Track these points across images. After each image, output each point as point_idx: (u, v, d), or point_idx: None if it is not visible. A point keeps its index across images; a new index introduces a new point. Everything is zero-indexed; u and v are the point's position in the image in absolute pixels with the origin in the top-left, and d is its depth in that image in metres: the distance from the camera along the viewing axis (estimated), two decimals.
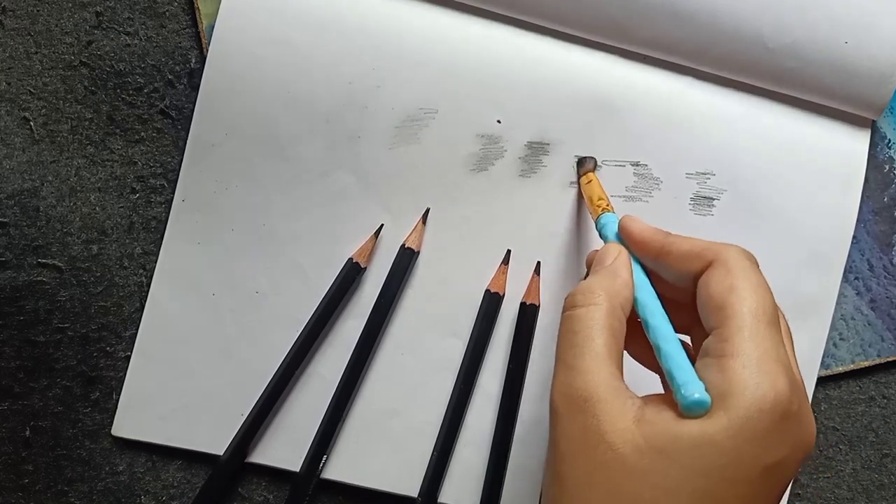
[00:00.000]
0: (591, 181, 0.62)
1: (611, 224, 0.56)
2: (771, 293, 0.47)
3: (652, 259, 0.52)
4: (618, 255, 0.52)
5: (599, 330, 0.47)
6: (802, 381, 0.47)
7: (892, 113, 0.66)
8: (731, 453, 0.42)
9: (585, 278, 0.52)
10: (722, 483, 0.42)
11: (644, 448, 0.43)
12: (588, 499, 0.44)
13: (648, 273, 0.52)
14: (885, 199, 0.66)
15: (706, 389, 0.43)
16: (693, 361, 0.46)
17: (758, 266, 0.49)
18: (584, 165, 0.63)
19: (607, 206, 0.58)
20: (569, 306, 0.49)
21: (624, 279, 0.51)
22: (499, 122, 0.63)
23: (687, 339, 0.53)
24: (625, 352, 0.51)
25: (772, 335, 0.45)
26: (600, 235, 0.57)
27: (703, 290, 0.48)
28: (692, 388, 0.43)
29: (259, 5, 0.62)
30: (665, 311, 0.50)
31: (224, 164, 0.62)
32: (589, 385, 0.45)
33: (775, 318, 0.46)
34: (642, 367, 0.54)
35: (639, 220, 0.53)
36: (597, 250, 0.54)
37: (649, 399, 0.46)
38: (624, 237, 0.54)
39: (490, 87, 0.63)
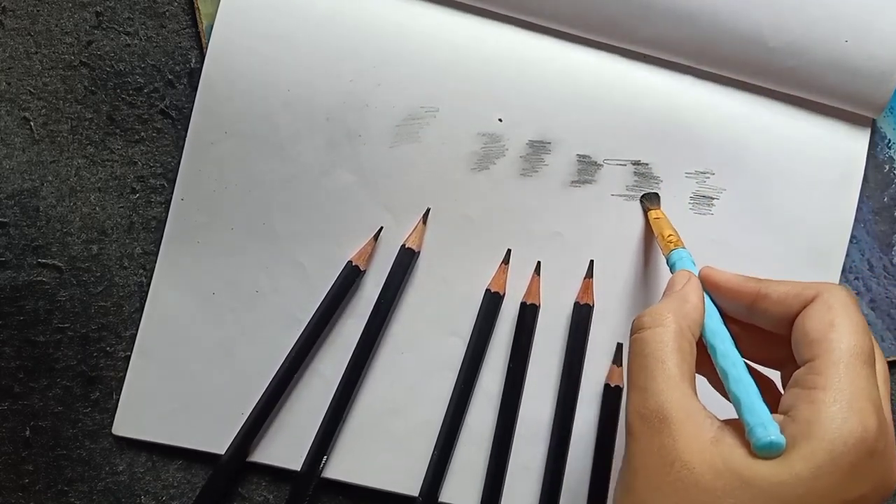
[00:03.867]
0: (659, 217, 0.62)
1: (683, 261, 0.57)
2: (871, 335, 0.47)
3: (747, 306, 0.52)
4: (688, 281, 0.53)
5: (669, 351, 0.47)
6: (893, 424, 0.46)
7: (892, 113, 0.66)
8: (811, 484, 0.42)
9: None
10: None
11: (721, 470, 0.43)
12: None
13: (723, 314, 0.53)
14: (885, 199, 0.66)
15: (782, 430, 0.43)
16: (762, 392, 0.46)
17: (858, 306, 0.48)
18: (651, 201, 0.64)
19: (678, 241, 0.59)
20: (636, 329, 0.50)
21: (693, 303, 0.51)
22: (500, 120, 0.63)
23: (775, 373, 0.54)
24: (704, 378, 0.52)
25: (867, 374, 0.45)
26: (672, 272, 0.57)
27: (801, 326, 0.48)
28: (767, 429, 0.43)
29: (259, 3, 0.62)
30: (736, 343, 0.50)
31: (223, 162, 0.62)
32: (663, 405, 0.45)
33: (872, 360, 0.46)
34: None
35: (720, 269, 0.53)
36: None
37: (729, 422, 0.46)
38: (710, 289, 0.53)
39: (491, 86, 0.63)
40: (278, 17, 0.62)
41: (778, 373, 0.54)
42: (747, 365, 0.50)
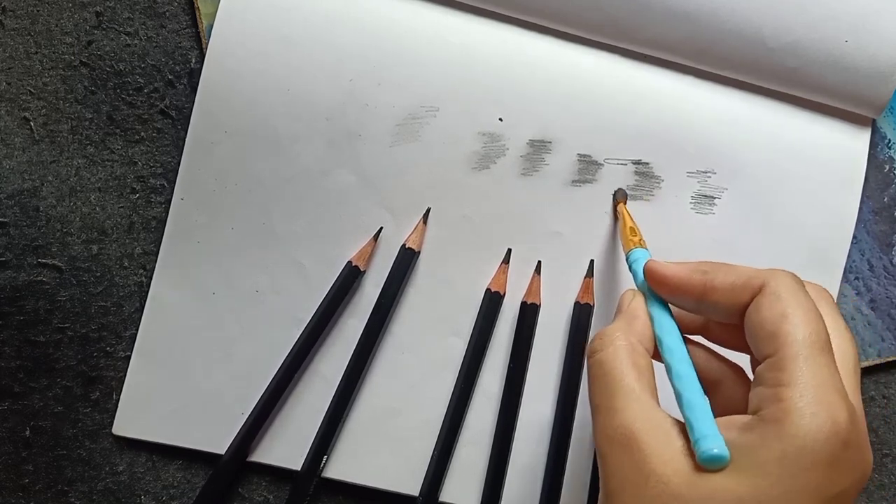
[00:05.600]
0: (623, 214, 0.62)
1: (641, 260, 0.56)
2: (822, 319, 0.46)
3: (694, 301, 0.51)
4: (633, 299, 0.53)
5: (625, 368, 0.47)
6: (862, 408, 0.46)
7: (892, 113, 0.66)
8: (788, 483, 0.41)
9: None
10: None
11: (696, 479, 0.43)
12: None
13: (672, 312, 0.52)
14: (885, 199, 0.66)
15: (727, 442, 0.43)
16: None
17: (806, 290, 0.48)
18: (617, 197, 0.64)
19: (640, 241, 0.58)
20: (590, 353, 0.50)
21: (643, 320, 0.51)
22: (500, 119, 0.63)
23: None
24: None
25: (827, 363, 0.44)
26: (629, 269, 0.57)
27: (753, 318, 0.47)
28: (711, 442, 0.43)
29: (259, 3, 0.62)
30: (688, 352, 0.49)
31: (223, 162, 0.62)
32: (627, 421, 0.45)
33: (828, 345, 0.45)
34: None
35: (666, 263, 0.52)
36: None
37: None
38: (654, 285, 0.53)
39: (492, 85, 0.63)
40: (278, 17, 0.62)
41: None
42: (713, 354, 0.52)
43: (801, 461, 0.41)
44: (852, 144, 0.65)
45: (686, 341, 0.50)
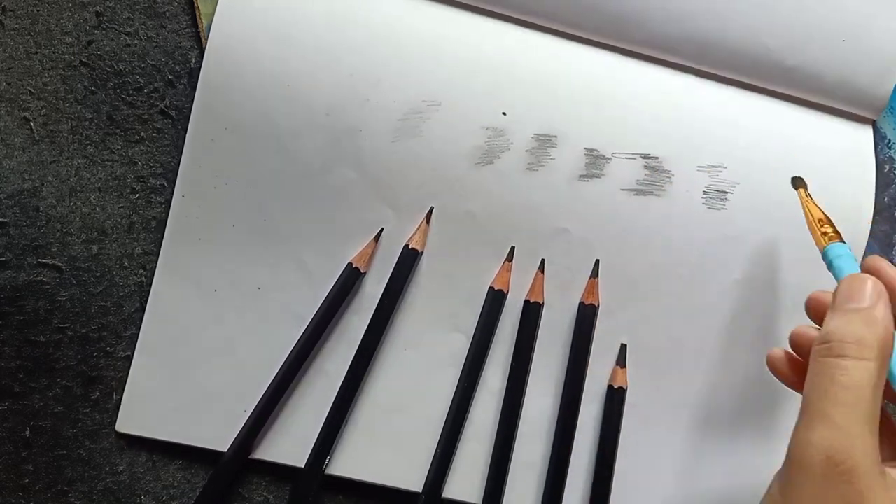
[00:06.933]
0: (807, 204, 0.58)
1: (846, 257, 0.50)
2: None
3: None
4: (878, 297, 0.46)
5: (872, 390, 0.43)
6: None
7: (892, 113, 0.66)
8: None
9: (833, 316, 0.47)
10: None
11: None
12: None
13: None
14: (885, 199, 0.66)
15: None
16: None
17: None
18: (796, 184, 0.61)
19: (834, 233, 0.53)
20: (836, 354, 0.44)
21: (889, 329, 0.45)
22: (504, 114, 0.62)
23: None
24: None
25: None
26: (829, 269, 0.52)
27: None
28: None
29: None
30: None
31: (224, 159, 0.62)
32: (856, 454, 0.41)
33: None
34: None
35: (889, 263, 0.47)
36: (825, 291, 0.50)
37: None
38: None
39: (494, 79, 0.63)
40: (278, 11, 0.62)
41: None
42: None
43: None
44: (858, 140, 0.65)
45: None
